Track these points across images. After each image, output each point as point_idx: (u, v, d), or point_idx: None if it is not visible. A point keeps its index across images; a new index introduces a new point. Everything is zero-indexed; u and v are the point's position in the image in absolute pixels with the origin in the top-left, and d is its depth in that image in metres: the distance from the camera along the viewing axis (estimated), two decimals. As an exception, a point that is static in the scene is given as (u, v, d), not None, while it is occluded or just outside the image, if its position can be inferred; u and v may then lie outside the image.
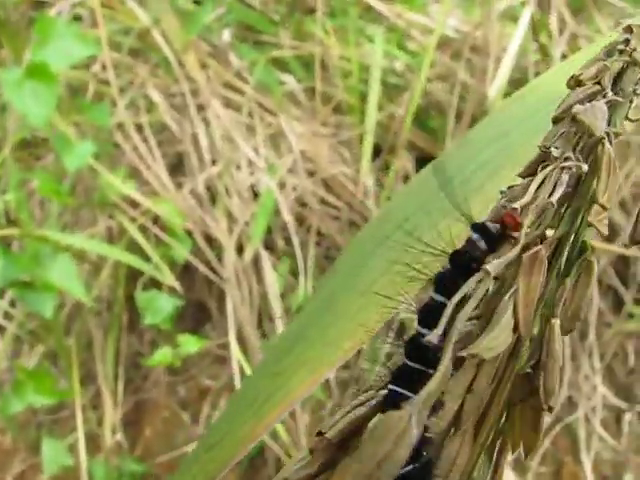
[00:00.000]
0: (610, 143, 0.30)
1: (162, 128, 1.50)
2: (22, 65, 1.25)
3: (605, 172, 0.30)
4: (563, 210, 0.31)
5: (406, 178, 1.60)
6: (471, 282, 0.27)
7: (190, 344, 1.43)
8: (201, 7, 1.50)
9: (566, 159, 0.30)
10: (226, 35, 1.56)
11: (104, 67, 1.44)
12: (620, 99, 0.32)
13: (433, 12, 1.56)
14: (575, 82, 0.34)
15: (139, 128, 1.47)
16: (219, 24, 1.56)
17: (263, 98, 1.57)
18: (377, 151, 1.60)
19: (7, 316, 1.55)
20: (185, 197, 1.48)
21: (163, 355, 1.42)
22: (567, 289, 0.30)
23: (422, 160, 1.60)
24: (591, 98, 0.32)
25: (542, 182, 0.30)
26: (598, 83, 0.33)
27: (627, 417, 1.52)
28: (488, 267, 0.27)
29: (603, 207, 0.29)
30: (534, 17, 1.45)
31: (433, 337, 0.26)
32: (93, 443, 1.46)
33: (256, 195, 1.54)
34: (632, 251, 1.47)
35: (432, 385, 0.25)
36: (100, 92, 1.48)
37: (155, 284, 1.46)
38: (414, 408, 0.25)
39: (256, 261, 1.54)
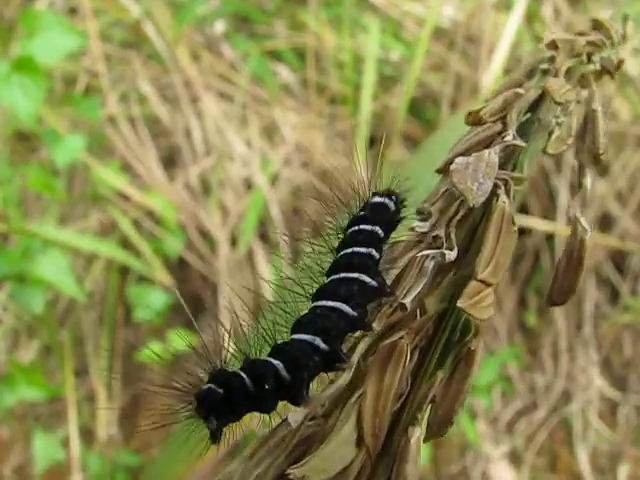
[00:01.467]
0: (507, 195, 0.27)
1: (154, 121, 1.47)
2: (10, 59, 1.23)
3: (493, 237, 0.26)
4: (437, 285, 0.27)
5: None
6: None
7: (181, 341, 1.42)
8: (193, -2, 1.48)
9: (434, 239, 0.26)
10: (219, 26, 1.53)
11: (95, 60, 1.42)
12: (521, 143, 0.29)
13: (427, 2, 1.53)
14: (474, 119, 0.30)
15: (131, 121, 1.45)
16: (212, 15, 1.53)
17: (257, 89, 1.55)
18: (372, 142, 1.58)
19: (5, 308, 1.54)
20: (178, 190, 1.46)
21: (153, 352, 1.41)
22: (436, 385, 0.25)
23: (416, 149, 1.58)
24: (487, 143, 0.29)
25: (406, 266, 0.26)
26: (503, 119, 0.29)
27: (623, 409, 1.49)
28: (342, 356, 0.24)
29: (485, 283, 0.25)
30: (529, 6, 1.41)
31: None
32: (88, 436, 1.46)
33: (250, 187, 1.52)
34: (628, 244, 1.45)
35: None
36: (92, 85, 1.46)
37: (149, 277, 1.44)
38: None
39: (250, 253, 1.53)
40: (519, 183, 0.28)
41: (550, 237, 1.49)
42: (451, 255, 0.26)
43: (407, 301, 0.25)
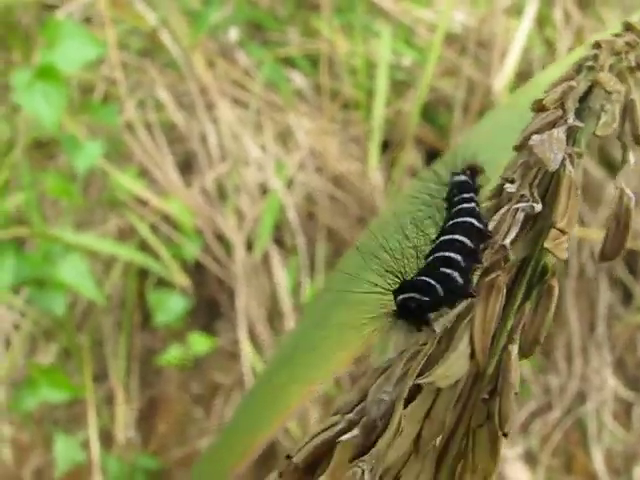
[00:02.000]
0: (572, 165, 0.31)
1: (171, 127, 1.49)
2: (32, 67, 1.25)
3: (565, 197, 0.30)
4: (525, 234, 0.31)
5: (414, 173, 1.59)
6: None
7: (200, 344, 1.44)
8: (208, 6, 1.50)
9: (521, 197, 0.31)
10: (233, 34, 1.56)
11: (113, 68, 1.44)
12: (580, 124, 0.33)
13: (439, 8, 1.55)
14: (539, 107, 0.34)
15: (148, 127, 1.47)
16: (226, 23, 1.55)
17: (271, 95, 1.57)
18: (385, 147, 1.59)
19: (23, 314, 1.56)
20: (194, 195, 1.48)
21: (173, 355, 1.43)
22: (526, 314, 0.29)
23: (430, 155, 1.59)
24: (552, 124, 0.33)
25: (498, 222, 0.31)
26: (562, 106, 0.33)
27: (637, 409, 1.50)
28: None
29: (562, 231, 0.29)
30: (539, 11, 1.43)
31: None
32: (107, 439, 1.47)
33: (265, 192, 1.54)
34: (641, 244, 1.46)
35: (383, 443, 0.27)
36: (109, 92, 1.48)
37: (167, 281, 1.46)
38: (367, 464, 0.27)
39: (266, 258, 1.54)
40: (579, 157, 0.32)
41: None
42: (538, 207, 0.30)
43: (506, 242, 0.29)
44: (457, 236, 0.30)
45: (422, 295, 0.28)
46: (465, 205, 0.33)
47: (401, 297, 0.29)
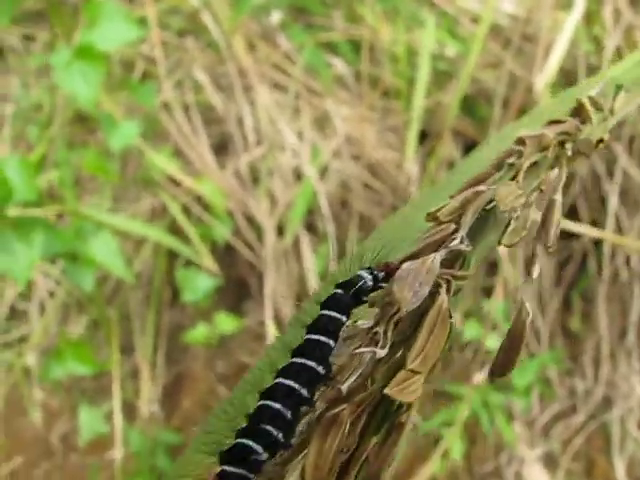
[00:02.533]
0: (448, 291, 0.29)
1: (208, 108, 1.50)
2: (72, 46, 1.26)
3: (426, 332, 0.29)
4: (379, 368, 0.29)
5: (451, 165, 1.56)
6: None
7: (226, 324, 1.45)
8: (251, -12, 1.49)
9: (373, 335, 0.29)
10: (276, 16, 1.54)
11: (153, 47, 1.45)
12: (465, 249, 0.31)
13: (485, -2, 1.51)
14: (432, 218, 0.32)
15: (185, 108, 1.47)
16: (269, 5, 1.54)
17: (311, 81, 1.56)
18: (423, 137, 1.57)
19: (58, 283, 1.59)
20: (228, 178, 1.48)
21: (200, 333, 1.45)
22: (371, 447, 0.29)
23: (468, 147, 1.57)
24: (438, 244, 0.31)
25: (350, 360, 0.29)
26: (459, 218, 0.32)
27: (664, 420, 1.47)
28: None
29: (412, 371, 0.28)
30: (588, 6, 1.38)
31: None
32: (131, 412, 1.50)
33: (299, 177, 1.53)
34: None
35: None
36: (148, 71, 1.49)
37: (196, 261, 1.47)
38: None
39: (296, 243, 1.54)
40: (463, 279, 0.31)
41: (598, 241, 1.47)
42: (382, 353, 0.29)
43: (343, 387, 0.28)
44: (289, 382, 0.29)
45: (238, 465, 0.28)
46: (314, 337, 0.31)
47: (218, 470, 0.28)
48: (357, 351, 0.29)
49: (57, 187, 1.36)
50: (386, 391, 0.27)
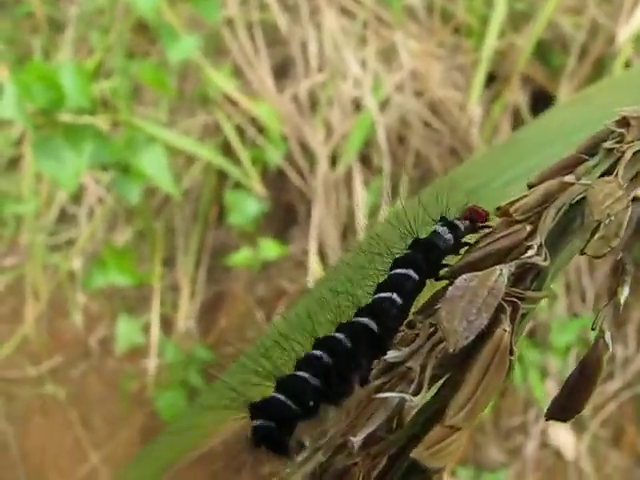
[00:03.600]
0: (511, 324, 0.22)
1: (272, 29, 1.44)
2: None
3: (475, 377, 0.22)
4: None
5: (517, 112, 1.50)
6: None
7: (270, 249, 1.43)
8: None
9: (404, 374, 0.23)
10: (351, -62, 1.47)
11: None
12: (542, 264, 0.24)
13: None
14: (503, 214, 0.26)
15: (249, 26, 1.42)
16: None
17: (381, 9, 1.49)
18: (491, 80, 1.50)
19: (108, 190, 1.59)
20: (285, 102, 1.44)
21: (243, 256, 1.43)
22: None
23: (536, 95, 1.49)
24: (505, 252, 0.24)
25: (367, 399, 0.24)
26: (538, 216, 0.25)
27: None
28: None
29: (452, 428, 0.21)
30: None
31: None
32: (168, 326, 1.51)
33: (358, 108, 1.48)
34: None
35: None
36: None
37: (245, 184, 1.45)
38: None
39: (348, 175, 1.50)
40: (534, 302, 0.24)
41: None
42: (414, 400, 0.23)
43: (356, 440, 0.22)
44: (344, 340, 0.26)
45: (271, 419, 0.25)
46: (383, 295, 0.27)
47: (253, 424, 0.26)
48: (380, 395, 0.23)
49: (113, 96, 1.33)
50: (414, 454, 0.21)
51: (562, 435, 1.41)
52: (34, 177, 1.49)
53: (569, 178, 0.26)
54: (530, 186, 0.27)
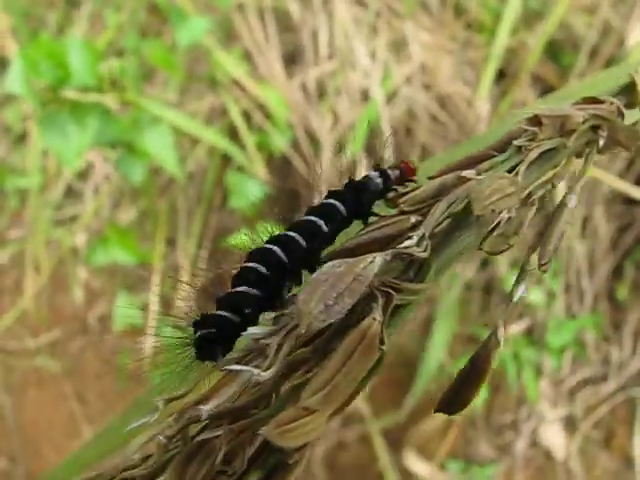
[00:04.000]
0: (382, 313, 0.22)
1: (283, 15, 1.44)
2: None
3: (334, 365, 0.22)
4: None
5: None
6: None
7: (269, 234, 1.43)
8: None
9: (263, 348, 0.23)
10: None
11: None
12: (420, 255, 0.23)
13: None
14: (393, 203, 0.26)
15: (260, 12, 1.42)
16: None
17: (394, 0, 1.48)
18: (501, 76, 1.49)
19: (116, 168, 1.59)
20: (293, 89, 1.43)
21: (242, 239, 1.43)
22: None
23: (545, 94, 1.48)
24: (386, 241, 0.24)
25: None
26: (429, 208, 0.25)
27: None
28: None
29: (307, 410, 0.21)
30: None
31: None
32: (167, 307, 1.51)
33: (366, 99, 1.48)
34: None
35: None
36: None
37: (249, 169, 1.45)
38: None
39: (353, 164, 1.50)
40: (413, 293, 0.23)
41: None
42: (265, 375, 0.23)
43: (204, 410, 0.23)
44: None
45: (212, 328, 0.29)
46: (310, 218, 0.31)
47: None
48: (230, 367, 0.23)
49: (121, 75, 1.33)
50: (262, 432, 0.21)
51: (553, 435, 1.41)
52: (42, 153, 1.49)
53: (468, 173, 0.26)
54: (430, 178, 0.26)
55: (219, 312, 0.30)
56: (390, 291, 0.23)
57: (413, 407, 1.48)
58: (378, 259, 0.23)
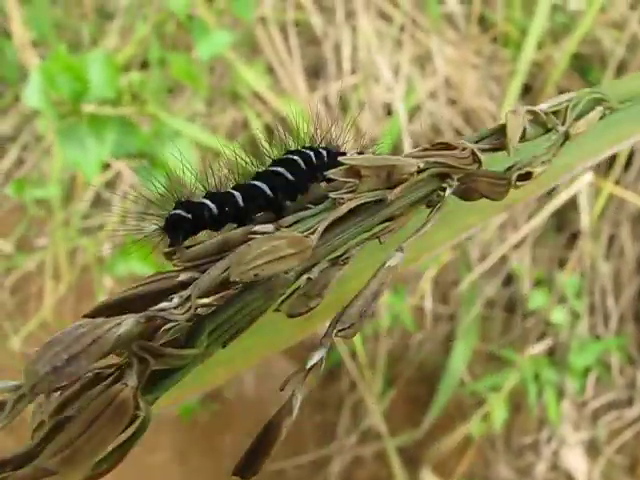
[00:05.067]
0: (123, 382, 0.20)
1: (306, 29, 1.42)
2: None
3: (71, 431, 0.20)
4: None
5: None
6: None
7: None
8: None
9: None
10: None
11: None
12: (179, 317, 0.22)
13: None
14: (166, 255, 0.25)
15: (282, 25, 1.40)
16: None
17: (418, 14, 1.45)
18: (527, 91, 1.45)
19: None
20: (316, 102, 1.41)
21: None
22: None
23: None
24: (145, 303, 0.22)
25: None
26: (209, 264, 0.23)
27: None
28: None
29: (47, 471, 0.20)
30: None
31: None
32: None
33: (389, 113, 1.45)
34: None
35: None
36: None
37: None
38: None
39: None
40: (180, 359, 0.21)
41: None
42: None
43: None
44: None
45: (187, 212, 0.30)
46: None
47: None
48: None
49: (140, 88, 1.33)
50: None
51: (575, 458, 1.36)
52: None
53: (261, 228, 0.24)
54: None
55: (202, 200, 0.31)
56: (147, 357, 0.21)
57: (431, 425, 1.44)
58: (128, 321, 0.21)
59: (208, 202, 0.31)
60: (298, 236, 0.23)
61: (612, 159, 1.30)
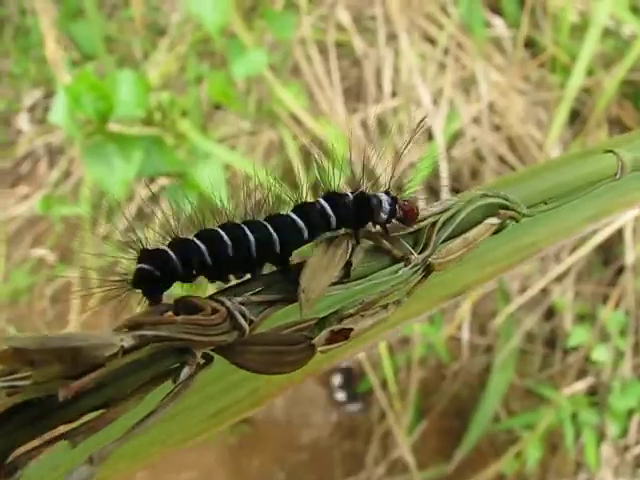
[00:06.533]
0: None
1: (346, 50, 1.37)
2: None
3: None
4: None
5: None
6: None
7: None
8: None
9: None
10: (438, -38, 1.37)
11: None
12: None
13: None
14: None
15: (322, 46, 1.35)
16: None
17: (464, 38, 1.38)
18: (575, 117, 1.37)
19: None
20: (354, 125, 1.36)
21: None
22: None
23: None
24: None
25: None
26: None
27: None
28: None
29: None
30: None
31: None
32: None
33: (430, 138, 1.39)
34: None
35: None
36: (289, 2, 1.37)
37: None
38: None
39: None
40: None
41: None
42: None
43: None
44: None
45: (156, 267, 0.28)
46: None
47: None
48: None
49: (170, 108, 1.30)
50: None
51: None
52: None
53: None
54: None
55: (165, 249, 0.28)
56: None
57: (462, 459, 1.37)
58: None
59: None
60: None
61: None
